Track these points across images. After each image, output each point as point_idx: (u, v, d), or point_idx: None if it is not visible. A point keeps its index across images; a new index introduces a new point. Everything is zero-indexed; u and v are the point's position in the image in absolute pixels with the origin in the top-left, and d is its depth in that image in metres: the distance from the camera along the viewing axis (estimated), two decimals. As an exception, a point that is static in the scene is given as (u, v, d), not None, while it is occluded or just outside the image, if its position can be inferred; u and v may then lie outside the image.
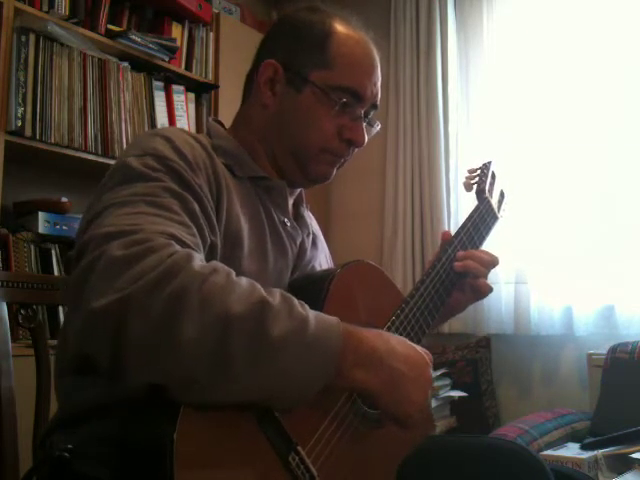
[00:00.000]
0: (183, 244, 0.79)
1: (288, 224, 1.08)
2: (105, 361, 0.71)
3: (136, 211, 0.80)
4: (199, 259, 0.76)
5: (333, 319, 0.80)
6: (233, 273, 0.78)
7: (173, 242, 0.77)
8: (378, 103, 1.11)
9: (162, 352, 0.69)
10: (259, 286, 0.78)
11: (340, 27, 1.06)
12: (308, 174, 1.09)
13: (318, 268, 1.15)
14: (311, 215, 1.23)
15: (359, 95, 1.05)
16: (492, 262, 1.17)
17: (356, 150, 1.10)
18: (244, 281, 0.77)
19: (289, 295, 0.79)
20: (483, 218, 1.26)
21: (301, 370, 0.75)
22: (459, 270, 1.14)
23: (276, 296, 0.77)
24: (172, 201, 0.85)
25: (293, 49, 1.06)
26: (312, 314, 0.78)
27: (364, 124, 1.08)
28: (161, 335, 0.69)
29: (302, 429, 0.81)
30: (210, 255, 0.90)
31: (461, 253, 1.16)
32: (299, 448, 0.79)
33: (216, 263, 0.78)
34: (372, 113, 1.11)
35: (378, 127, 1.14)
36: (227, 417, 0.73)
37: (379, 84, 1.09)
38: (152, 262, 0.72)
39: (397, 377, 0.84)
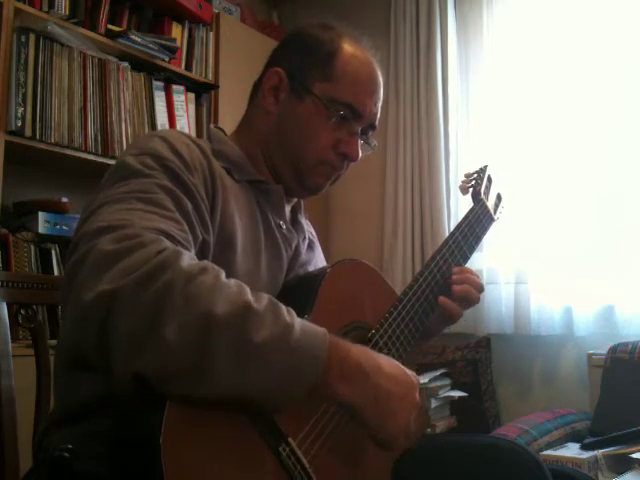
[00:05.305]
0: (173, 239, 0.80)
1: (284, 227, 1.10)
2: (93, 352, 0.73)
3: (128, 207, 0.82)
4: (188, 257, 0.76)
5: (320, 329, 0.78)
6: (223, 274, 0.78)
7: (162, 237, 0.78)
8: (377, 124, 1.13)
9: (145, 346, 0.69)
10: (248, 289, 0.77)
11: (348, 47, 1.10)
12: (304, 183, 1.11)
13: None
14: (309, 223, 1.24)
15: (358, 111, 1.08)
16: (481, 286, 1.19)
17: (351, 164, 1.12)
18: (233, 283, 0.77)
19: (277, 301, 0.78)
20: (479, 219, 1.27)
21: (282, 376, 0.74)
22: (457, 295, 1.13)
23: (263, 301, 0.76)
24: (165, 198, 0.86)
25: (300, 61, 1.09)
26: (299, 322, 0.77)
27: (361, 141, 1.11)
28: (145, 330, 0.70)
29: (293, 421, 0.81)
30: (202, 253, 0.91)
31: (456, 277, 1.15)
32: (290, 440, 0.80)
33: (206, 263, 0.78)
34: (370, 133, 1.13)
35: (375, 147, 1.16)
36: (217, 409, 0.73)
37: (379, 105, 1.12)
38: (141, 257, 0.73)
39: (382, 395, 0.81)
